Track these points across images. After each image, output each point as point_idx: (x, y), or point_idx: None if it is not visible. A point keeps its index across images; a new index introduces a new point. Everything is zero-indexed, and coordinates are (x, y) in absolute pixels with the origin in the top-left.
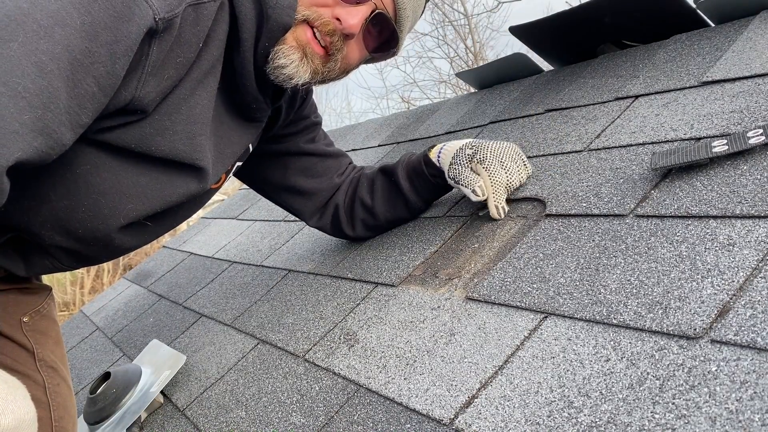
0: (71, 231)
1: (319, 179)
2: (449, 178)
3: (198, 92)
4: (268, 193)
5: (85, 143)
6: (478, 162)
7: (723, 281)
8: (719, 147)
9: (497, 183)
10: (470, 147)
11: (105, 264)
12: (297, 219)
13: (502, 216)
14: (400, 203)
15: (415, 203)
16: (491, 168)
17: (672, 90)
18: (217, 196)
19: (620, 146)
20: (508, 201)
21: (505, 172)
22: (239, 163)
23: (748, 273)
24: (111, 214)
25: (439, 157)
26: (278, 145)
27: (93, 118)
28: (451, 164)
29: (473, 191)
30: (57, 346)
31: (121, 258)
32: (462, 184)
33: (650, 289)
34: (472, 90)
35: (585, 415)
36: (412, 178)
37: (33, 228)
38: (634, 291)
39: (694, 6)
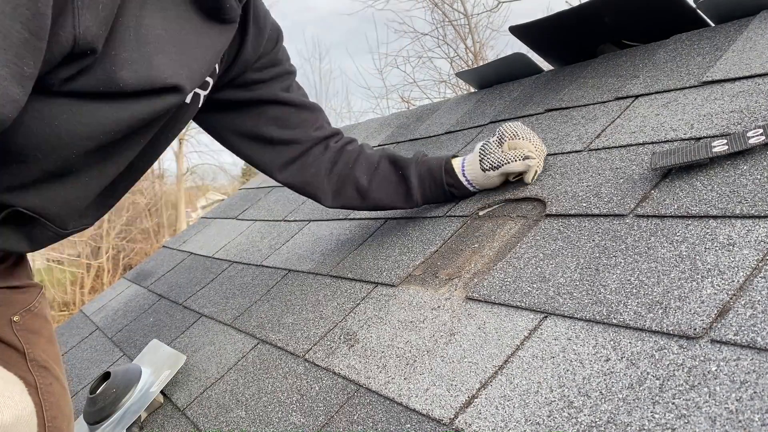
0: (63, 172)
1: (293, 131)
2: (488, 169)
3: (145, 11)
4: (236, 145)
5: (54, 96)
6: (510, 138)
7: (723, 281)
8: (719, 147)
9: (539, 147)
10: (493, 136)
11: (105, 264)
12: (297, 219)
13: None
14: (400, 196)
15: (417, 202)
16: (527, 136)
17: (672, 90)
18: (217, 196)
19: (620, 146)
20: (508, 201)
21: (536, 139)
22: (210, 80)
23: (748, 273)
24: (93, 141)
25: (463, 169)
26: (251, 92)
27: (38, 67)
28: (481, 160)
29: (526, 157)
30: (50, 344)
31: (121, 258)
32: (508, 161)
33: (650, 289)
34: (472, 90)
35: (585, 415)
36: (424, 180)
37: (26, 189)
38: (634, 291)
39: (694, 6)
